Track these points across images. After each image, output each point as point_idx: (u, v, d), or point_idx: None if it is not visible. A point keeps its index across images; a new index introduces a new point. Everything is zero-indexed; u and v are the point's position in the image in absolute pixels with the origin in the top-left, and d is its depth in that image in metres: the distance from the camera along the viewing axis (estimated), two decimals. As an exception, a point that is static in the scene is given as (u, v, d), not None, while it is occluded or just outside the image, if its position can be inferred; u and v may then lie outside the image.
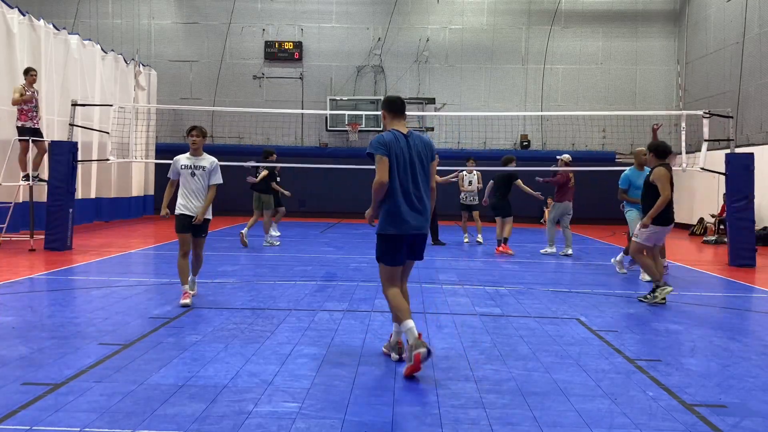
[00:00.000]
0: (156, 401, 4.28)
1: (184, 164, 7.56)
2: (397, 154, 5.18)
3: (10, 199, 13.02)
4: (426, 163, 5.33)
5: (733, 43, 19.29)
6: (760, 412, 4.38)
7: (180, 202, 7.54)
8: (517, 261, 12.36)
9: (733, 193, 12.27)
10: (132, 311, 7.06)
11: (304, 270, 10.51)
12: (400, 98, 5.52)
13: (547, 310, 7.67)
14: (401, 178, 5.18)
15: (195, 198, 7.51)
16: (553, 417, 4.19)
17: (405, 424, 4.01)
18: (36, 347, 5.50)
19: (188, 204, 7.50)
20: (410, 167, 5.22)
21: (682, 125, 13.20)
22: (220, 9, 23.71)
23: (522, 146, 23.31)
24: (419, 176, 5.25)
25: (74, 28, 21.46)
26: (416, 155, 5.25)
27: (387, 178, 5.12)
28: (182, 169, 7.54)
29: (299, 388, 4.62)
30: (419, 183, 5.25)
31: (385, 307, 7.58)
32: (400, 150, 5.20)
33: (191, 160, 7.58)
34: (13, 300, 7.59)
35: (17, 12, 14.31)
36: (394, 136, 5.26)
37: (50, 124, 15.31)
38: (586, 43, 23.64)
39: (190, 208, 7.50)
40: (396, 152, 5.18)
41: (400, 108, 5.42)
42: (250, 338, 6.02)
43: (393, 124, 5.40)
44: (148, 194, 22.15)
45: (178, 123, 23.23)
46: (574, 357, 5.61)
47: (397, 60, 23.61)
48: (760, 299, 8.95)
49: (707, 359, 5.65)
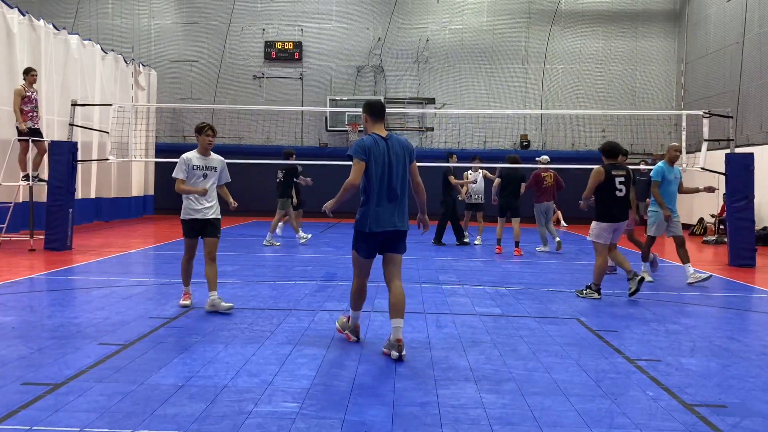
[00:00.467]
0: (156, 401, 4.28)
1: (196, 165, 7.11)
2: (376, 157, 5.54)
3: (10, 199, 13.02)
4: (405, 165, 5.67)
5: (733, 43, 19.29)
6: (760, 412, 4.38)
7: (189, 206, 7.13)
8: (517, 261, 12.36)
9: (733, 193, 12.26)
10: (132, 311, 7.06)
11: (304, 270, 10.51)
12: (381, 103, 5.94)
13: (547, 310, 7.67)
14: (379, 180, 5.56)
15: (205, 200, 7.13)
16: (553, 417, 4.18)
17: (405, 424, 4.01)
18: (36, 347, 5.50)
19: (199, 207, 7.11)
20: (388, 169, 5.58)
21: (682, 125, 13.20)
22: (220, 9, 23.71)
23: (522, 146, 23.30)
24: (396, 178, 5.60)
25: (74, 28, 21.45)
26: (394, 157, 5.61)
27: (359, 181, 5.53)
28: (194, 170, 7.09)
29: (299, 388, 4.62)
30: (396, 184, 5.60)
31: (384, 307, 7.57)
32: (379, 153, 5.56)
33: (202, 161, 7.15)
34: (13, 300, 7.59)
35: (17, 12, 14.31)
36: (374, 140, 5.61)
37: (50, 124, 15.31)
38: (585, 43, 23.64)
39: (202, 212, 7.12)
40: (375, 155, 5.54)
41: (381, 112, 5.79)
42: (250, 338, 6.02)
43: (374, 128, 5.74)
44: (148, 194, 22.16)
45: (178, 123, 23.25)
46: (574, 357, 5.61)
47: (397, 60, 23.61)
48: (760, 299, 8.95)
49: (707, 359, 5.65)
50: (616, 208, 8.54)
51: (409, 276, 10.10)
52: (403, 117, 23.67)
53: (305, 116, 23.16)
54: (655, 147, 23.23)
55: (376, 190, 5.55)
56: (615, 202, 8.51)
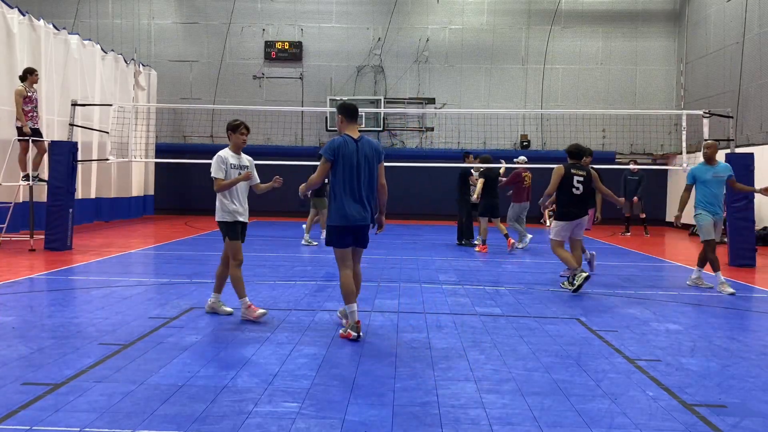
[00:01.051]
0: (156, 401, 4.28)
1: (233, 164, 6.78)
2: (344, 157, 6.00)
3: (10, 199, 13.02)
4: (373, 165, 6.13)
5: (733, 43, 19.29)
6: (760, 412, 4.38)
7: (232, 207, 6.76)
8: (517, 261, 12.36)
9: (733, 193, 12.26)
10: (132, 311, 7.06)
11: (304, 270, 10.51)
12: (355, 105, 6.30)
13: (547, 310, 7.67)
14: (347, 179, 6.01)
15: (245, 200, 6.89)
16: (553, 417, 4.19)
17: (405, 424, 4.01)
18: (36, 347, 5.50)
19: (242, 210, 6.82)
20: (356, 169, 6.03)
21: (682, 125, 13.20)
22: (220, 9, 23.70)
23: (522, 146, 23.30)
24: (363, 177, 6.06)
25: (74, 28, 21.46)
26: (363, 158, 6.06)
27: (321, 179, 6.18)
28: (231, 168, 6.77)
29: (299, 388, 4.62)
30: (362, 182, 6.06)
31: (384, 307, 7.60)
32: (348, 153, 6.01)
33: (236, 159, 6.85)
34: (13, 300, 7.59)
35: (17, 12, 14.30)
36: (345, 140, 6.06)
37: (50, 124, 15.32)
38: (586, 43, 23.64)
39: (244, 215, 6.85)
40: (344, 155, 6.00)
41: (354, 115, 6.21)
42: (250, 338, 6.02)
43: (347, 129, 6.17)
44: (148, 194, 22.15)
45: (178, 123, 23.25)
46: (574, 357, 5.61)
47: (397, 60, 23.60)
48: (760, 299, 8.95)
49: (707, 359, 5.65)
50: (573, 206, 8.97)
51: (409, 276, 10.10)
52: (403, 117, 23.67)
53: (305, 116, 23.16)
54: (655, 147, 23.24)
55: (343, 187, 6.02)
56: (572, 200, 8.97)
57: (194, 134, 23.36)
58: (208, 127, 23.37)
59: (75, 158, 12.88)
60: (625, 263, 12.29)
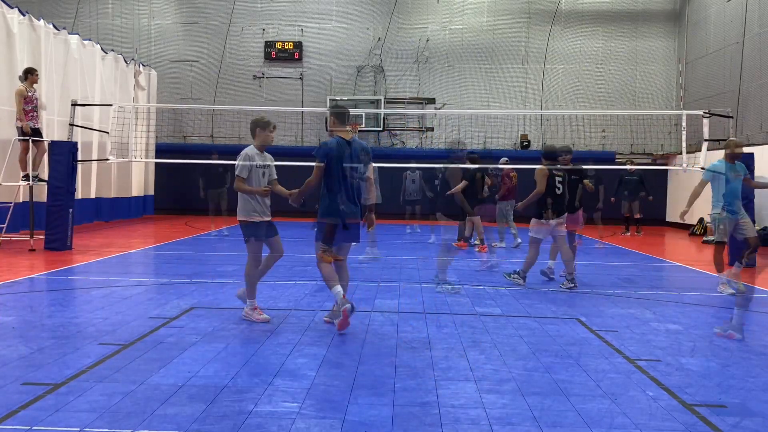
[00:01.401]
0: (156, 401, 4.28)
1: (258, 163, 6.68)
2: (336, 158, 6.32)
3: (10, 199, 13.01)
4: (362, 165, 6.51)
5: (733, 43, 19.28)
6: (760, 412, 4.38)
7: (252, 207, 6.67)
8: (517, 261, 12.34)
9: (733, 193, 12.23)
10: (132, 311, 7.06)
11: (304, 270, 10.51)
12: (347, 109, 6.76)
13: (547, 310, 7.67)
14: (338, 178, 6.34)
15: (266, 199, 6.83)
16: (553, 417, 4.19)
17: (405, 424, 4.01)
18: (36, 347, 5.50)
19: (264, 209, 6.75)
20: (348, 168, 6.37)
21: (682, 125, 13.19)
22: (220, 9, 23.70)
23: (522, 146, 23.30)
24: (354, 176, 6.44)
25: (74, 28, 21.44)
26: (354, 158, 6.43)
27: (317, 181, 6.39)
28: (257, 168, 6.66)
29: (299, 388, 4.62)
30: (353, 181, 6.45)
31: (384, 307, 7.60)
32: (340, 154, 6.34)
33: (261, 158, 6.73)
34: (13, 300, 7.59)
35: (17, 12, 14.30)
36: (337, 142, 6.40)
37: (50, 124, 15.30)
38: (586, 43, 23.64)
39: (268, 214, 6.78)
40: (336, 156, 6.32)
41: (342, 117, 6.58)
42: (250, 338, 6.02)
43: (339, 131, 6.52)
44: (148, 194, 22.14)
45: (178, 123, 23.24)
46: (574, 357, 5.61)
47: (397, 60, 23.60)
48: (760, 299, 8.95)
49: (707, 359, 5.65)
50: (554, 205, 9.24)
51: (409, 276, 10.10)
52: (403, 117, 23.67)
53: (305, 116, 23.15)
54: (655, 147, 23.23)
55: (335, 186, 6.35)
56: (554, 200, 9.24)
57: (194, 134, 23.36)
58: (208, 127, 23.37)
59: (75, 158, 12.88)
60: (625, 263, 12.30)
